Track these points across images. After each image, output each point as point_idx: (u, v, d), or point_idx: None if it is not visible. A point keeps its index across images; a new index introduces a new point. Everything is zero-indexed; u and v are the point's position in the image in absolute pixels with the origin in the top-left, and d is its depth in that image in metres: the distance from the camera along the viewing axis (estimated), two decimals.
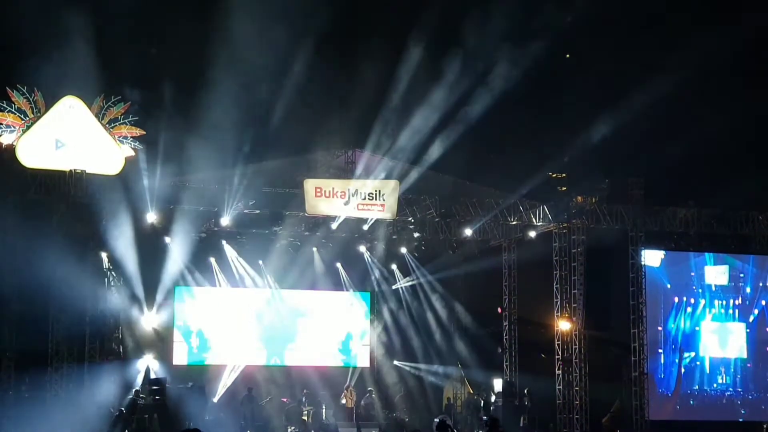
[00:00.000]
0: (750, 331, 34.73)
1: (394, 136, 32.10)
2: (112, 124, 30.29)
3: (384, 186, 31.43)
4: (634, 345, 33.41)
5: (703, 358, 34.47)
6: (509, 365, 36.69)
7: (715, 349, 34.54)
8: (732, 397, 34.68)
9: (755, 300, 34.80)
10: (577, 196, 33.22)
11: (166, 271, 35.41)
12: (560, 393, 33.50)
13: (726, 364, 34.67)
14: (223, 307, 37.13)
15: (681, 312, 34.28)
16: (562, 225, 33.44)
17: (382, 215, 31.87)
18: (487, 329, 38.81)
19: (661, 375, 34.16)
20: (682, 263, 34.52)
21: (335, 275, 38.73)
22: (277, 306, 37.85)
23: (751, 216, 34.60)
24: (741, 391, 34.68)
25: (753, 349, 34.85)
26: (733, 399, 34.67)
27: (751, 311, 34.72)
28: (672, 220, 33.85)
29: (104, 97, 30.27)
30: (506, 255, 36.76)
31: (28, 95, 29.58)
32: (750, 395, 34.75)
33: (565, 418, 33.27)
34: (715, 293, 34.57)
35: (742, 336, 34.76)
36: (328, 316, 38.45)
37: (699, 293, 34.46)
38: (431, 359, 39.13)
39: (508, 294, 36.89)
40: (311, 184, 30.88)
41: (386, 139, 32.20)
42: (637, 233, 33.46)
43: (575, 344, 33.37)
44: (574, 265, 33.38)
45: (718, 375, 34.51)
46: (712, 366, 34.49)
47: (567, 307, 33.45)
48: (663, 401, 34.12)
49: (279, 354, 37.66)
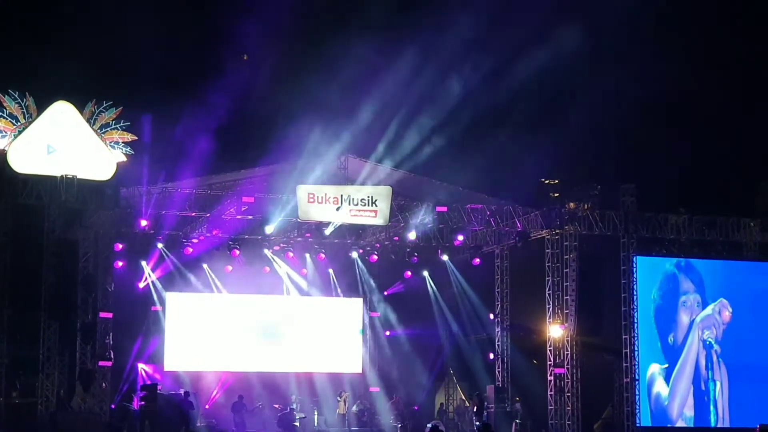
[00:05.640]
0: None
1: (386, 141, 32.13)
2: (103, 129, 30.28)
3: (377, 192, 31.38)
4: (626, 351, 33.41)
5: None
6: (501, 371, 36.68)
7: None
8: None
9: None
10: (570, 202, 33.21)
11: (158, 277, 35.37)
12: (552, 399, 33.50)
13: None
14: (216, 314, 37.08)
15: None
16: (555, 231, 33.45)
17: (374, 221, 31.84)
18: (479, 335, 38.82)
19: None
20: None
21: (327, 281, 38.71)
22: (268, 312, 37.81)
23: (743, 223, 34.65)
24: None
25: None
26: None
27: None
28: (663, 226, 33.88)
29: (96, 102, 30.23)
30: (499, 261, 36.75)
31: (20, 100, 29.55)
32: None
33: (557, 424, 33.25)
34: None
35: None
36: (320, 322, 38.40)
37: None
38: (423, 365, 39.09)
39: (500, 300, 36.88)
40: (304, 190, 30.82)
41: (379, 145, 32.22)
42: (629, 240, 33.47)
43: (567, 350, 33.36)
44: (567, 271, 33.37)
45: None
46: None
47: (559, 313, 33.44)
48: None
49: (271, 360, 37.56)
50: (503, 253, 36.60)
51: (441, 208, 32.30)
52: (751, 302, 34.69)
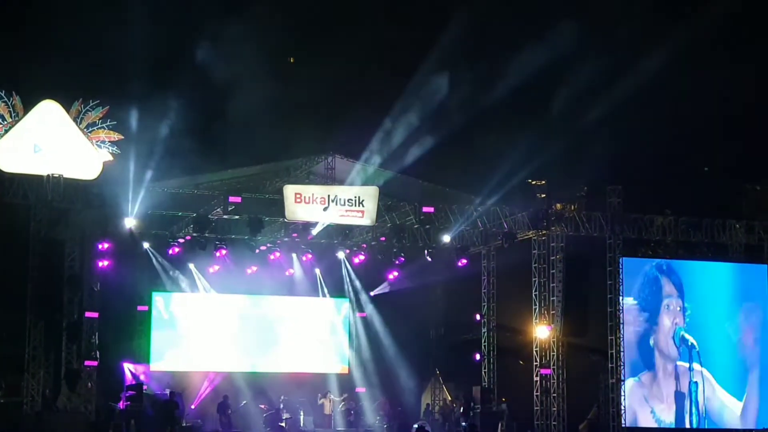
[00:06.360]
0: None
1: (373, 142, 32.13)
2: (90, 128, 30.16)
3: (364, 192, 31.40)
4: (612, 352, 33.49)
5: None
6: (487, 372, 36.71)
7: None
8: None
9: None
10: (556, 203, 33.29)
11: (145, 277, 35.29)
12: (538, 400, 33.56)
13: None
14: (202, 314, 37.04)
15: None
16: (541, 232, 33.52)
17: (361, 221, 31.86)
18: (465, 336, 38.85)
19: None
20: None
21: (313, 281, 38.70)
22: (255, 312, 37.79)
23: (728, 224, 34.78)
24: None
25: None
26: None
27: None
28: (650, 227, 33.99)
29: (82, 101, 30.14)
30: (485, 262, 36.80)
31: (7, 99, 29.42)
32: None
33: (543, 424, 33.32)
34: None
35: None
36: (306, 322, 38.38)
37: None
38: (409, 365, 39.10)
39: (486, 301, 36.92)
40: (291, 190, 30.81)
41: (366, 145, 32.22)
42: (615, 240, 33.56)
43: (553, 351, 33.44)
44: (553, 272, 33.46)
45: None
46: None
47: (545, 314, 33.52)
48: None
49: (257, 360, 37.54)
50: (490, 253, 36.65)
51: (428, 209, 32.33)
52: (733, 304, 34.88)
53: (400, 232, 33.74)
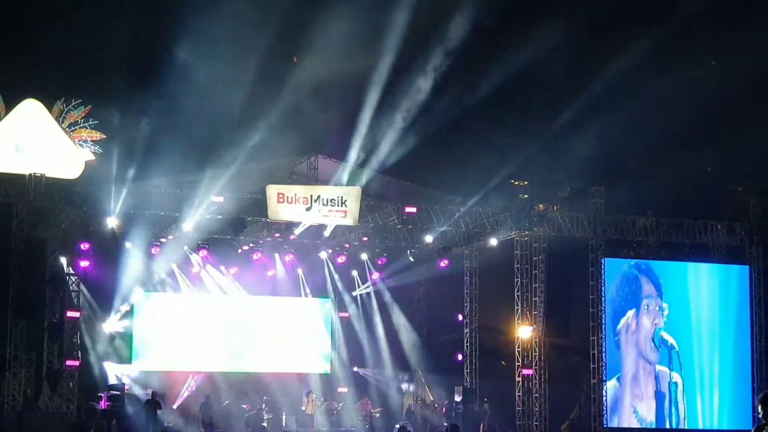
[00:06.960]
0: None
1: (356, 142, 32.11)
2: (72, 127, 30.08)
3: (347, 192, 31.40)
4: (593, 352, 33.60)
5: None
6: (470, 372, 36.77)
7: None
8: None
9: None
10: (539, 204, 33.38)
11: (127, 277, 35.19)
12: (520, 400, 33.63)
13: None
14: (183, 314, 36.95)
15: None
16: (524, 233, 33.60)
17: (344, 221, 31.86)
18: (447, 336, 38.89)
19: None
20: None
21: (295, 281, 38.67)
22: (237, 312, 37.72)
23: (710, 225, 34.93)
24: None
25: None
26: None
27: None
28: (632, 228, 34.10)
29: (64, 100, 30.05)
30: (468, 262, 36.85)
31: None
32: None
33: (525, 424, 33.40)
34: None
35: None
36: (288, 322, 38.34)
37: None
38: (391, 366, 39.13)
39: (469, 301, 36.99)
40: (274, 190, 30.78)
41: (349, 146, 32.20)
42: (598, 241, 33.67)
43: (535, 351, 33.51)
44: (536, 272, 33.54)
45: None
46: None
47: (528, 315, 33.59)
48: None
49: (239, 361, 37.48)
50: (472, 254, 36.71)
51: (410, 209, 32.37)
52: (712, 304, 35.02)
53: (383, 232, 33.78)
